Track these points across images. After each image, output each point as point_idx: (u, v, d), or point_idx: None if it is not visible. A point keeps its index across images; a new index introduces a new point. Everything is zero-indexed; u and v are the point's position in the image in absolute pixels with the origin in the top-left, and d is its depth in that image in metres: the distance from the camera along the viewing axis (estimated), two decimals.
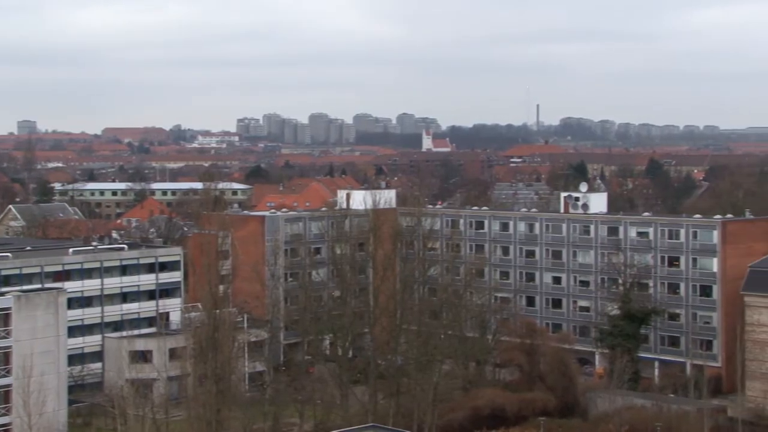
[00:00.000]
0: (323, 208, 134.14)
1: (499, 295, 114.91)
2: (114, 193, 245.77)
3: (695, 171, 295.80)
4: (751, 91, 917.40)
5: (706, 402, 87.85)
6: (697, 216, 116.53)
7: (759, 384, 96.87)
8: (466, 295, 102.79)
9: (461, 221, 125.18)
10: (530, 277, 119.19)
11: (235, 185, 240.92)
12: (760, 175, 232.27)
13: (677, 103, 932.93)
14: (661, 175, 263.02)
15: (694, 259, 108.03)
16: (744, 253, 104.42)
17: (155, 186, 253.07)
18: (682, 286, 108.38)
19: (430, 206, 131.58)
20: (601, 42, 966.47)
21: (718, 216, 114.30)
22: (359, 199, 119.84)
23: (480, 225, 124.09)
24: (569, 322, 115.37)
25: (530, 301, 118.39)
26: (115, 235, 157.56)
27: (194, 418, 71.50)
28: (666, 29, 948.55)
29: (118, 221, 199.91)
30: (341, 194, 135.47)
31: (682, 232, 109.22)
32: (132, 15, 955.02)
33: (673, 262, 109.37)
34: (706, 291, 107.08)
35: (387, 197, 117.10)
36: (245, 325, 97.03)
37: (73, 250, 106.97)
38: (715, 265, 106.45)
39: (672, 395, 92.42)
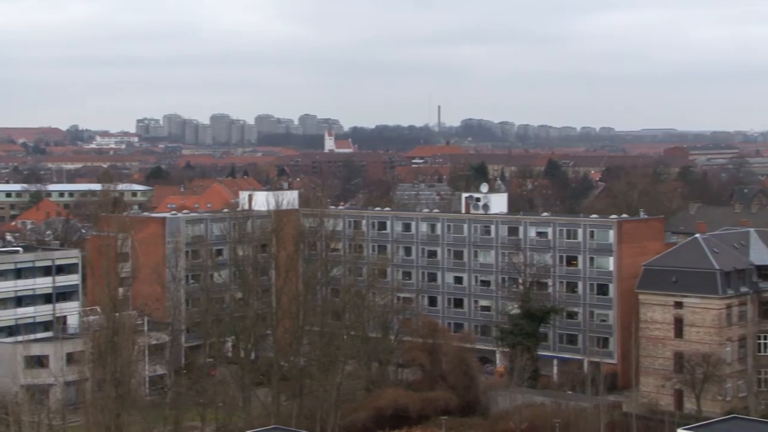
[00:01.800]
0: (225, 210, 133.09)
1: (402, 295, 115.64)
2: (8, 194, 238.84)
3: (592, 172, 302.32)
4: (645, 93, 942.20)
5: (602, 398, 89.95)
6: (594, 216, 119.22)
7: (652, 379, 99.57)
8: (369, 296, 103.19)
9: (364, 222, 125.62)
10: (432, 277, 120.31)
11: (135, 186, 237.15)
12: (653, 175, 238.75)
13: (575, 104, 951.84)
14: (560, 175, 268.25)
15: (591, 259, 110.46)
16: (638, 252, 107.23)
17: (52, 187, 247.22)
18: (580, 284, 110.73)
19: (333, 207, 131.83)
20: (501, 44, 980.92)
21: (614, 216, 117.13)
22: (261, 200, 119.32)
23: (382, 226, 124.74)
24: (471, 321, 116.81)
25: (432, 301, 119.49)
26: (9, 237, 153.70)
27: (93, 424, 70.19)
28: (566, 32, 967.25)
29: (13, 223, 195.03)
30: (243, 195, 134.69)
31: (580, 231, 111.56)
32: (30, 13, 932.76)
33: (571, 261, 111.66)
34: (602, 289, 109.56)
35: (289, 198, 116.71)
36: (146, 328, 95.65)
37: None
38: (611, 264, 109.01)
39: (570, 392, 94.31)
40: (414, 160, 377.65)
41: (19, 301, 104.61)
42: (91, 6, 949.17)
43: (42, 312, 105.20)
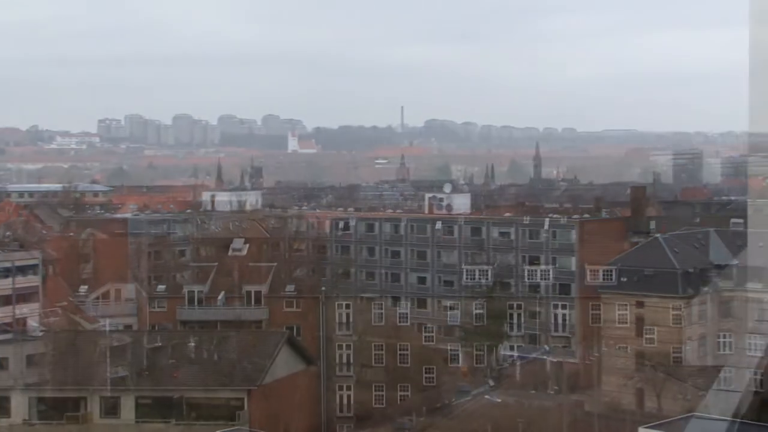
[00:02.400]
0: (188, 210, 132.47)
1: (365, 295, 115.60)
2: None
3: (554, 172, 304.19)
4: (606, 94, 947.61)
5: (564, 397, 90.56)
6: (557, 216, 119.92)
7: (614, 378, 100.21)
8: (333, 297, 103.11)
9: (327, 222, 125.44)
10: (396, 278, 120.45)
11: (97, 187, 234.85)
12: (615, 176, 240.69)
13: (537, 105, 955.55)
14: (522, 176, 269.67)
15: (554, 258, 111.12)
16: (601, 251, 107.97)
17: (11, 188, 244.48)
18: (543, 284, 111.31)
19: (296, 208, 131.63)
20: (464, 45, 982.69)
21: (576, 216, 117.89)
22: (224, 201, 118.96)
23: (346, 226, 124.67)
24: (434, 321, 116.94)
25: (396, 301, 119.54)
26: None
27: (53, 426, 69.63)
28: (528, 33, 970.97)
29: None
30: (206, 196, 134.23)
31: (542, 232, 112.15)
32: None
33: (534, 261, 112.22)
34: (565, 289, 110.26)
35: (253, 199, 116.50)
36: (107, 329, 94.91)
37: None
38: (573, 263, 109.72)
39: (533, 391, 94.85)
40: (377, 161, 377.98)
41: None
42: (51, 4, 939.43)
43: (1, 314, 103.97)
